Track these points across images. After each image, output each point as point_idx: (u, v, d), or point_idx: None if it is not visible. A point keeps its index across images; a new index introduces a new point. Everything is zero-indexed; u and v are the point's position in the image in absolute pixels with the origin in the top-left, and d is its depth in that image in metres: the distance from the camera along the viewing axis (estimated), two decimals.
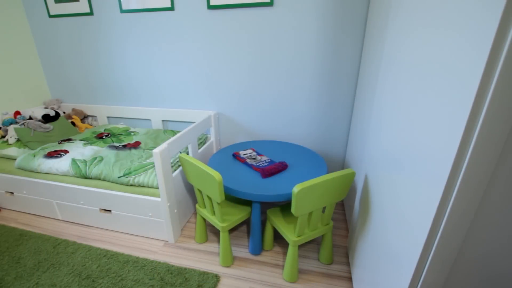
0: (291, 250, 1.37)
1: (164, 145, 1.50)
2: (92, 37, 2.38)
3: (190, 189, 1.91)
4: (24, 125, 2.21)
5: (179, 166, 1.76)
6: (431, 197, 0.65)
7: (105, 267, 1.55)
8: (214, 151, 2.30)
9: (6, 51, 2.38)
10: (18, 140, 2.14)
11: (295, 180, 1.47)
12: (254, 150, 1.82)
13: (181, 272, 1.51)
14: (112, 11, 2.24)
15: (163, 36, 2.19)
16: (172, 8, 2.09)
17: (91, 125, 2.70)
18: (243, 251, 1.66)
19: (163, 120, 2.47)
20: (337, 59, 1.90)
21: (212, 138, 2.27)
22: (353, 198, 1.71)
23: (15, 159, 1.99)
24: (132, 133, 2.26)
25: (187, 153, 1.91)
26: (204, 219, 1.67)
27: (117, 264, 1.57)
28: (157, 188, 1.59)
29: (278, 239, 1.75)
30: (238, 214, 1.53)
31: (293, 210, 1.21)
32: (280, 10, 1.89)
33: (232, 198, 1.69)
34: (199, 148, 2.06)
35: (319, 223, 1.43)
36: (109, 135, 2.24)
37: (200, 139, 2.13)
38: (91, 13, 2.31)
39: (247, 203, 1.64)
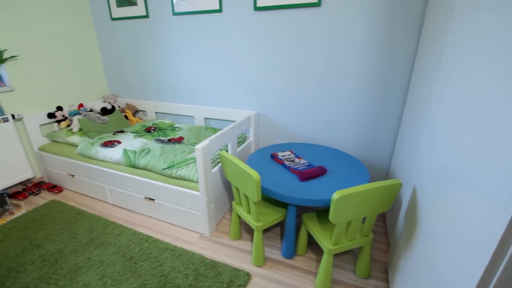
0: (326, 258, 1.33)
1: (206, 142, 1.56)
2: (147, 38, 2.57)
3: (227, 186, 1.96)
4: (86, 116, 2.47)
5: (218, 162, 1.82)
6: (495, 219, 0.57)
7: (146, 251, 1.67)
8: (252, 150, 2.33)
9: (75, 51, 2.68)
10: (80, 129, 2.40)
11: (334, 186, 1.42)
12: (292, 152, 1.81)
13: (214, 265, 1.56)
14: (165, 14, 2.39)
15: (210, 37, 2.28)
16: (220, 10, 2.16)
17: (141, 119, 2.92)
18: (275, 253, 1.65)
19: (205, 118, 2.57)
20: (386, 61, 1.79)
21: (251, 137, 2.30)
22: (397, 211, 1.60)
23: (77, 146, 2.24)
24: (177, 129, 2.40)
25: (227, 151, 1.97)
26: (239, 217, 1.70)
27: (157, 250, 1.68)
28: (197, 182, 1.67)
29: (312, 245, 1.71)
30: (273, 215, 1.53)
31: (331, 217, 1.17)
32: (327, 10, 1.84)
33: (268, 198, 1.70)
34: (238, 147, 2.10)
35: (357, 233, 1.36)
36: (156, 129, 2.40)
37: (239, 138, 2.18)
38: (146, 16, 2.49)
39: (283, 205, 1.63)
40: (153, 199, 1.88)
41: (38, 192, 2.36)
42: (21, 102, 2.33)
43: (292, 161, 1.68)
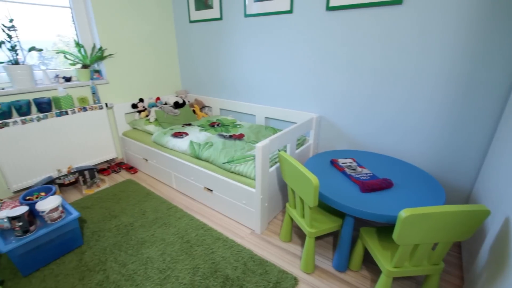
0: (383, 280, 1.22)
1: (266, 141, 1.59)
2: (219, 39, 2.74)
3: (283, 187, 1.96)
4: (161, 108, 2.76)
5: (276, 162, 1.83)
6: None
7: (201, 238, 1.78)
8: (311, 154, 2.28)
9: (157, 51, 3.02)
10: (155, 119, 2.70)
11: (401, 203, 1.29)
12: (354, 160, 1.70)
13: (262, 263, 1.57)
14: (237, 16, 2.50)
15: (278, 38, 2.30)
16: (290, 11, 2.16)
17: (206, 114, 3.14)
18: (326, 263, 1.58)
19: (266, 117, 2.62)
20: (480, 67, 1.54)
21: (310, 140, 2.25)
22: (478, 242, 1.36)
23: (152, 134, 2.52)
24: (238, 126, 2.50)
25: (285, 152, 1.97)
26: (292, 219, 1.68)
27: (210, 238, 1.78)
28: (254, 179, 1.70)
29: (368, 262, 1.58)
30: (328, 224, 1.47)
31: (395, 236, 1.07)
32: (410, 9, 1.67)
33: (325, 205, 1.63)
34: (296, 149, 2.08)
35: (425, 260, 1.21)
36: (219, 124, 2.54)
37: (299, 140, 2.15)
38: (220, 18, 2.65)
39: (339, 214, 1.55)
40: (212, 190, 2.00)
41: (118, 171, 2.75)
42: (113, 93, 2.73)
43: (354, 169, 1.58)
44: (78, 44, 2.43)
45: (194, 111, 3.00)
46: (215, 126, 2.50)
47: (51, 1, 2.29)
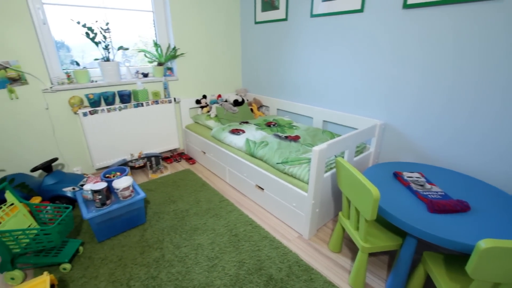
0: None
1: (324, 145, 1.53)
2: (282, 39, 2.75)
3: (337, 195, 1.87)
4: (221, 105, 2.90)
5: (331, 168, 1.76)
6: None
7: (248, 233, 1.82)
8: (370, 163, 2.12)
9: (222, 50, 3.18)
10: (216, 115, 2.85)
11: (479, 231, 1.11)
12: (422, 175, 1.52)
13: (307, 270, 1.53)
14: (303, 16, 2.47)
15: (345, 38, 2.20)
16: (361, 10, 2.04)
17: (263, 113, 3.19)
18: (378, 283, 1.46)
19: (324, 120, 2.53)
20: None
21: (371, 149, 2.10)
22: None
23: (211, 129, 2.67)
24: (294, 127, 2.47)
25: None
26: (344, 230, 1.60)
27: (258, 235, 1.80)
28: (307, 183, 1.67)
29: None
30: (385, 241, 1.35)
31: (469, 269, 0.92)
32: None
33: (383, 221, 1.51)
34: (355, 156, 1.96)
35: None
36: (276, 124, 2.55)
37: (358, 147, 2.03)
38: (285, 19, 2.65)
39: (399, 232, 1.41)
40: (263, 189, 2.03)
41: (179, 160, 2.99)
42: (181, 89, 2.98)
43: (422, 185, 1.42)
44: (156, 44, 2.71)
45: (251, 110, 3.08)
46: (271, 126, 2.53)
47: (138, 7, 2.60)
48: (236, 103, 2.98)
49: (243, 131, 2.36)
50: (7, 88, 2.04)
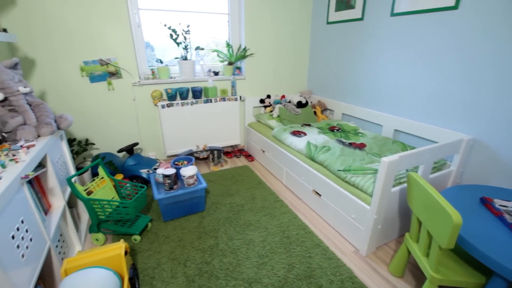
0: None
1: (395, 157, 1.39)
2: (356, 40, 2.59)
3: (404, 213, 1.68)
4: (285, 106, 2.91)
5: (400, 183, 1.59)
6: None
7: (301, 238, 1.78)
8: (450, 184, 1.85)
9: (290, 51, 3.17)
10: (278, 116, 2.86)
11: None
12: None
13: None
14: (382, 15, 2.28)
15: (432, 39, 1.95)
16: (455, 7, 1.78)
17: (327, 117, 3.07)
18: None
19: (395, 129, 2.30)
20: None
21: (453, 167, 1.82)
22: None
23: (273, 129, 2.70)
24: (360, 134, 2.31)
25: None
26: (409, 253, 1.43)
27: (310, 242, 1.75)
28: (370, 195, 1.54)
29: None
30: (462, 276, 1.16)
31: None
32: None
33: (461, 251, 1.29)
34: (431, 173, 1.73)
35: None
36: (340, 130, 2.43)
37: (436, 163, 1.78)
38: (361, 19, 2.49)
39: (483, 269, 1.19)
40: (320, 195, 1.95)
41: (239, 156, 3.11)
42: (247, 88, 3.09)
43: None
44: (228, 45, 2.87)
45: (315, 113, 3.00)
46: (335, 130, 2.41)
47: (216, 10, 2.79)
48: (300, 104, 2.94)
49: (305, 134, 2.32)
50: (107, 80, 2.43)
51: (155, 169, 2.38)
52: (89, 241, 1.78)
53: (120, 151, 2.42)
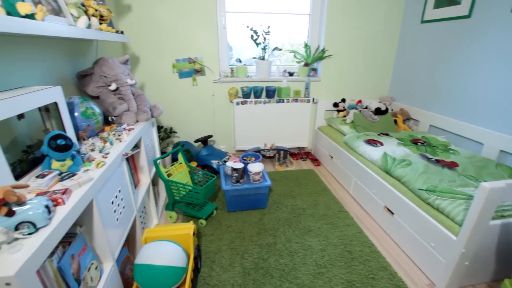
0: None
1: (500, 183, 1.14)
2: (458, 41, 2.22)
3: (505, 254, 1.37)
4: (360, 112, 2.71)
5: (503, 216, 1.30)
6: None
7: (365, 257, 1.64)
8: None
9: (373, 53, 2.92)
10: (352, 122, 2.69)
11: None
12: None
13: None
14: (499, 11, 1.89)
15: None
16: None
17: (410, 128, 2.74)
18: None
19: (501, 150, 1.89)
20: None
21: None
22: None
23: (345, 135, 2.55)
24: (451, 151, 1.98)
25: None
26: None
27: (375, 263, 1.59)
28: (459, 225, 1.30)
29: None
30: None
31: None
32: None
33: None
34: None
35: None
36: (425, 143, 2.13)
37: None
38: (468, 16, 2.12)
39: None
40: (393, 213, 1.76)
41: (305, 159, 3.05)
42: (321, 90, 3.00)
43: None
44: (306, 45, 2.83)
45: (395, 121, 2.71)
46: (419, 143, 2.13)
47: (297, 11, 2.79)
48: (378, 111, 2.70)
49: (381, 143, 2.11)
50: (192, 77, 2.70)
51: (225, 161, 2.53)
52: (163, 217, 2.02)
53: (196, 141, 2.66)
